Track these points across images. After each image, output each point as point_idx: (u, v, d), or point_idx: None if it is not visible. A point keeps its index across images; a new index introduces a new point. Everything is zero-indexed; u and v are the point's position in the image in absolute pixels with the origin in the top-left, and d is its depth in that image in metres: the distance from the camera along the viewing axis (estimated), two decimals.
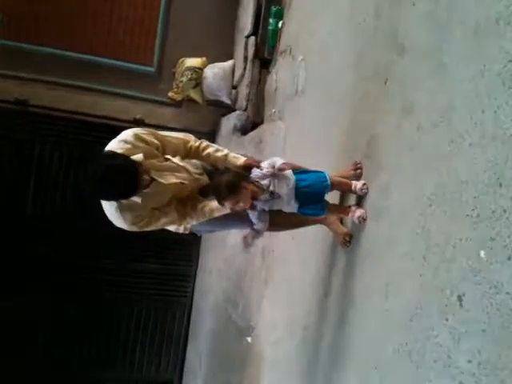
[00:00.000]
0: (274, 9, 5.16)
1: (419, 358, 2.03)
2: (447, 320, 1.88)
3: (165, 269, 6.69)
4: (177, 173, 2.85)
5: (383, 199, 2.52)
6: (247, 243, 2.84)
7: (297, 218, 3.09)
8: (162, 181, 2.73)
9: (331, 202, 2.81)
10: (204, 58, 5.97)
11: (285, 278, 3.94)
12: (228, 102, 5.81)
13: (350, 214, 2.74)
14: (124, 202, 2.65)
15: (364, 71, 2.97)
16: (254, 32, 5.45)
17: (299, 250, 3.69)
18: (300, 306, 3.50)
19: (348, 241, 2.86)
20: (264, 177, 2.65)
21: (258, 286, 4.51)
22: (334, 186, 2.70)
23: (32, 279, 6.18)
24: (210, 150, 2.95)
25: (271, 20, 5.17)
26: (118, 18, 6.14)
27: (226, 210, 2.86)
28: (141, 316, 6.77)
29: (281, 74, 4.87)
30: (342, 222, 3.01)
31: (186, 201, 2.94)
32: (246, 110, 5.44)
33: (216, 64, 5.90)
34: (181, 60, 6.01)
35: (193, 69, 5.90)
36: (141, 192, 2.62)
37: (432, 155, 2.12)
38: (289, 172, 2.70)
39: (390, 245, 2.38)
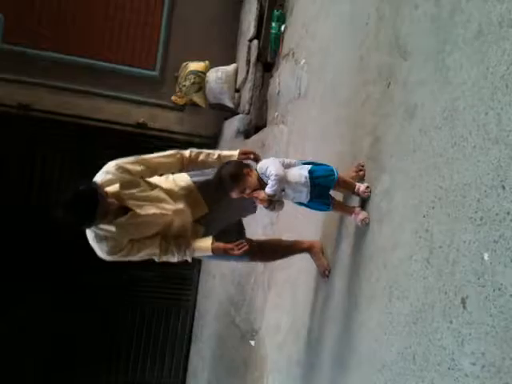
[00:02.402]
0: (276, 13, 5.18)
1: (423, 361, 2.02)
2: (451, 323, 1.87)
3: (168, 272, 6.69)
4: (160, 203, 2.87)
5: (386, 202, 2.51)
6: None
7: (283, 246, 3.37)
8: (139, 211, 2.76)
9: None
10: (207, 62, 5.99)
11: (288, 282, 3.94)
12: (231, 105, 5.82)
13: (353, 216, 2.74)
14: (100, 231, 2.73)
15: (366, 74, 2.97)
16: (257, 36, 5.47)
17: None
18: (303, 310, 3.49)
19: (327, 275, 3.11)
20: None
21: (262, 289, 4.51)
22: (339, 182, 2.71)
23: (33, 282, 6.19)
24: (202, 157, 3.05)
25: (274, 24, 5.19)
26: (121, 22, 6.17)
27: (208, 252, 2.98)
28: (144, 320, 6.78)
29: (283, 78, 4.88)
30: (323, 253, 3.22)
31: (171, 237, 2.96)
32: (248, 113, 5.44)
33: (219, 68, 5.91)
34: (184, 64, 6.03)
35: (196, 73, 5.92)
36: (115, 222, 2.70)
37: (435, 157, 2.12)
38: (300, 164, 2.73)
39: (393, 247, 2.38)
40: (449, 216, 1.97)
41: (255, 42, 5.47)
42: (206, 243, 2.96)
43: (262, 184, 2.67)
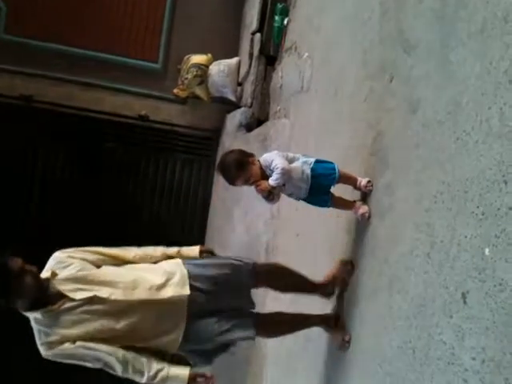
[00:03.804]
0: (279, 6, 5.17)
1: (423, 356, 2.03)
2: (451, 317, 1.88)
3: None
4: (98, 286, 2.44)
5: (388, 196, 2.52)
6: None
7: (298, 318, 2.92)
8: (72, 296, 2.38)
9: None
10: (209, 55, 5.97)
11: None
12: (233, 98, 5.82)
13: (353, 210, 2.74)
14: (33, 322, 2.40)
15: (369, 68, 2.96)
16: (260, 29, 5.45)
17: (303, 247, 3.70)
18: (303, 303, 3.50)
19: (347, 341, 2.72)
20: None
21: None
22: (341, 178, 2.70)
23: None
24: (160, 255, 2.75)
25: (277, 17, 5.18)
26: (124, 14, 6.15)
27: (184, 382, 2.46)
28: None
29: (286, 71, 4.87)
30: (337, 323, 2.84)
31: (141, 350, 2.47)
32: (251, 106, 5.44)
33: (221, 61, 5.90)
34: (186, 57, 6.02)
35: (198, 65, 5.90)
36: (44, 309, 2.36)
37: (437, 152, 2.12)
38: (303, 159, 2.70)
39: (394, 242, 2.38)
40: (450, 211, 1.97)
41: (258, 35, 5.45)
42: (183, 371, 2.50)
43: (264, 175, 2.66)
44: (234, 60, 5.87)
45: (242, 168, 2.63)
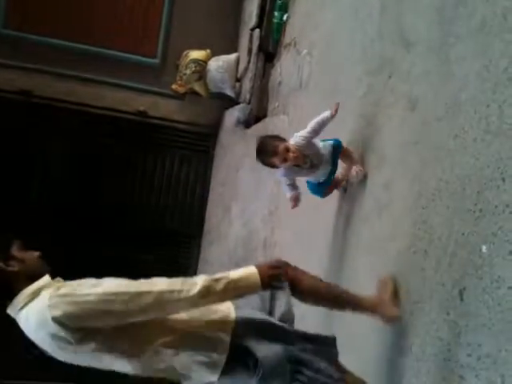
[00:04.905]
0: (279, 2, 5.15)
1: (419, 352, 2.03)
2: (448, 314, 1.88)
3: (166, 260, 6.69)
4: None
5: (386, 193, 2.52)
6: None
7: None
8: None
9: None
10: (208, 51, 5.96)
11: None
12: (231, 95, 5.81)
13: (350, 173, 2.89)
14: (32, 299, 1.83)
15: (369, 65, 2.96)
16: (259, 25, 5.44)
17: (301, 242, 3.70)
18: None
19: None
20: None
21: None
22: (344, 153, 2.87)
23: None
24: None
25: (276, 13, 5.16)
26: (123, 9, 6.13)
27: (256, 285, 1.90)
28: None
29: (285, 68, 4.86)
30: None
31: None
32: (249, 103, 5.43)
33: (220, 57, 5.89)
34: (185, 52, 6.00)
35: (197, 61, 5.89)
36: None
37: (436, 150, 2.12)
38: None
39: (392, 239, 2.38)
40: (448, 208, 1.98)
41: (257, 31, 5.44)
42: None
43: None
44: (233, 56, 5.86)
45: (277, 144, 2.77)
